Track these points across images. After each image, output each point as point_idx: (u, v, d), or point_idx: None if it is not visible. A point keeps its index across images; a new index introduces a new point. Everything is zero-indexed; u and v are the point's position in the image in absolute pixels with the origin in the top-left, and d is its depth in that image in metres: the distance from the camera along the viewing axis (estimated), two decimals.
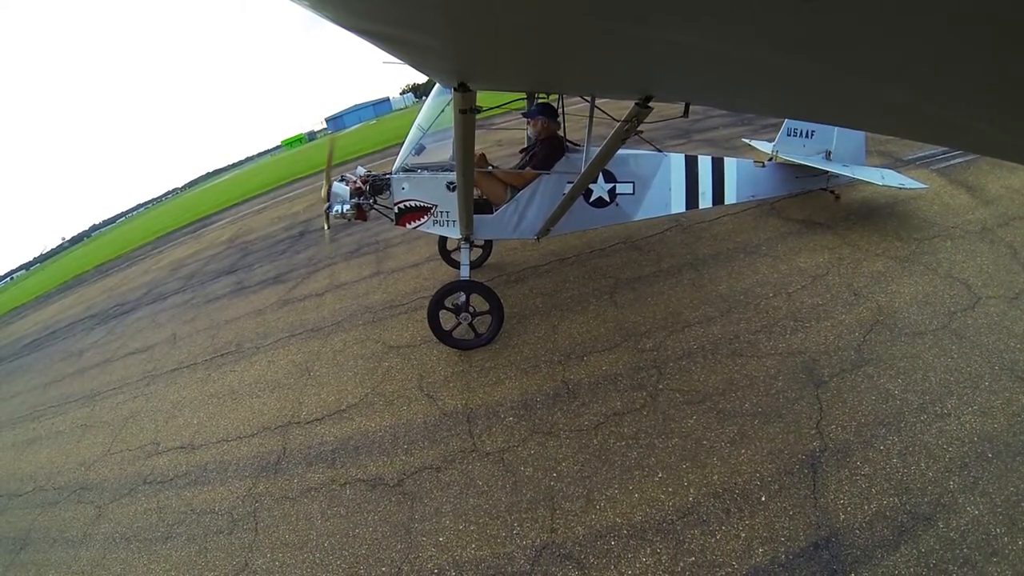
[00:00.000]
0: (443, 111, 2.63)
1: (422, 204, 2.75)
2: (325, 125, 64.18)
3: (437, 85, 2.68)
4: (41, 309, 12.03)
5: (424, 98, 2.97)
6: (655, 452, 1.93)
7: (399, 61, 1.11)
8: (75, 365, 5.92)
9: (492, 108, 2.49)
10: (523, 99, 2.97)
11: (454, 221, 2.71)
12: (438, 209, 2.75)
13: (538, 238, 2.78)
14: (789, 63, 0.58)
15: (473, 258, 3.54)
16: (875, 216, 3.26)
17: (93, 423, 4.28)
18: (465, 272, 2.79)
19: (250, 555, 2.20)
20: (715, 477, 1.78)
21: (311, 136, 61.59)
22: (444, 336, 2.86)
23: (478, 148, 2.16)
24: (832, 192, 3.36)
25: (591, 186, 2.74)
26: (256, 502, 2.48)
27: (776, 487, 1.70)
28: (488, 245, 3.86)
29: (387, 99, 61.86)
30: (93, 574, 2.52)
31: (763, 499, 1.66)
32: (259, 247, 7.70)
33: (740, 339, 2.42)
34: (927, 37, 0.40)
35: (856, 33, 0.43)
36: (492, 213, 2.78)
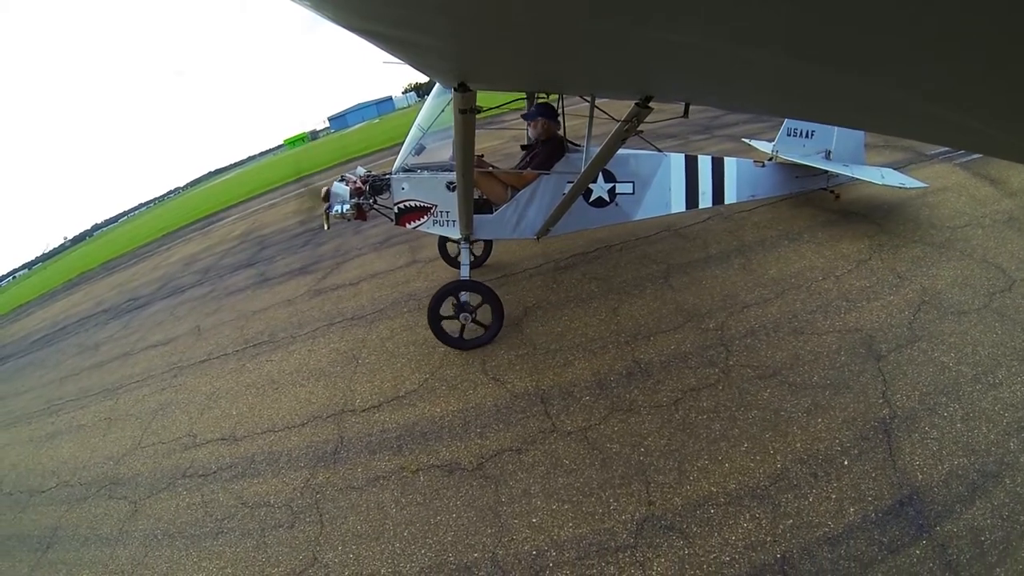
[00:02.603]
0: (443, 111, 2.48)
1: (422, 204, 2.61)
2: (328, 124, 62.06)
3: (437, 85, 2.52)
4: (47, 306, 11.30)
5: (426, 97, 2.79)
6: (737, 424, 1.90)
7: (399, 61, 1.06)
8: (92, 359, 5.40)
9: (492, 108, 2.35)
10: (523, 99, 2.83)
11: (454, 221, 2.57)
12: (438, 209, 2.60)
13: (538, 238, 2.64)
14: (789, 63, 0.56)
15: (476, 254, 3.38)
16: (908, 206, 3.24)
17: (118, 416, 3.87)
18: (465, 272, 2.64)
19: (318, 549, 1.94)
20: (798, 445, 1.77)
21: (314, 135, 58.89)
22: (445, 337, 2.68)
23: (478, 148, 2.04)
24: (832, 192, 3.18)
25: (591, 186, 2.60)
26: (317, 493, 2.21)
27: (856, 452, 1.71)
28: (488, 245, 3.65)
29: (389, 98, 59.76)
30: (134, 573, 2.21)
31: (846, 463, 1.68)
32: (276, 240, 7.25)
33: (798, 318, 2.38)
34: (927, 37, 0.38)
35: (856, 33, 0.41)
36: (492, 213, 2.63)
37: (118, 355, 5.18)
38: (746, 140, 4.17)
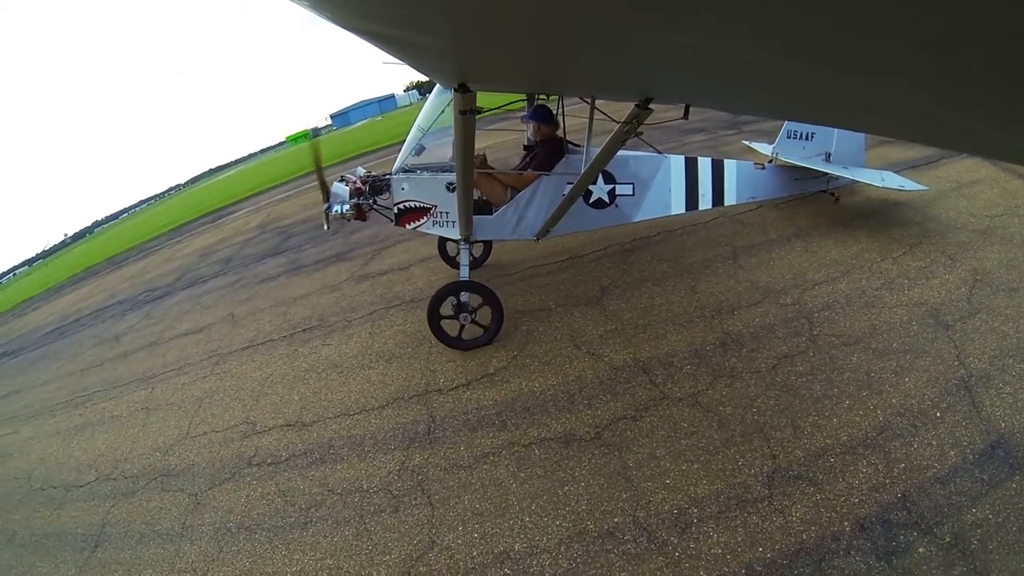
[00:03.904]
0: (443, 111, 2.36)
1: (422, 205, 2.49)
2: (330, 121, 58.93)
3: (437, 85, 2.37)
4: (54, 300, 10.40)
5: (427, 95, 2.63)
6: (834, 384, 1.94)
7: (399, 62, 1.02)
8: (114, 350, 4.84)
9: (492, 109, 2.24)
10: (523, 100, 2.71)
11: (454, 222, 2.46)
12: (438, 210, 2.49)
13: (537, 239, 2.53)
14: (789, 65, 0.54)
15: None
16: (947, 197, 3.31)
17: (157, 406, 3.44)
18: (465, 273, 2.51)
19: (434, 531, 1.72)
20: (893, 400, 1.84)
21: (315, 132, 57.05)
22: (444, 337, 2.55)
23: (478, 149, 1.96)
24: (832, 194, 3.11)
25: (591, 187, 2.50)
26: (419, 475, 1.98)
27: (944, 405, 1.79)
28: (487, 246, 3.48)
29: (392, 96, 57.29)
30: (210, 571, 1.91)
31: (938, 415, 1.77)
32: (300, 230, 6.75)
33: (867, 294, 2.41)
34: (927, 37, 0.36)
35: (856, 33, 0.39)
36: (492, 214, 2.51)
37: (144, 345, 4.66)
38: (746, 142, 4.05)
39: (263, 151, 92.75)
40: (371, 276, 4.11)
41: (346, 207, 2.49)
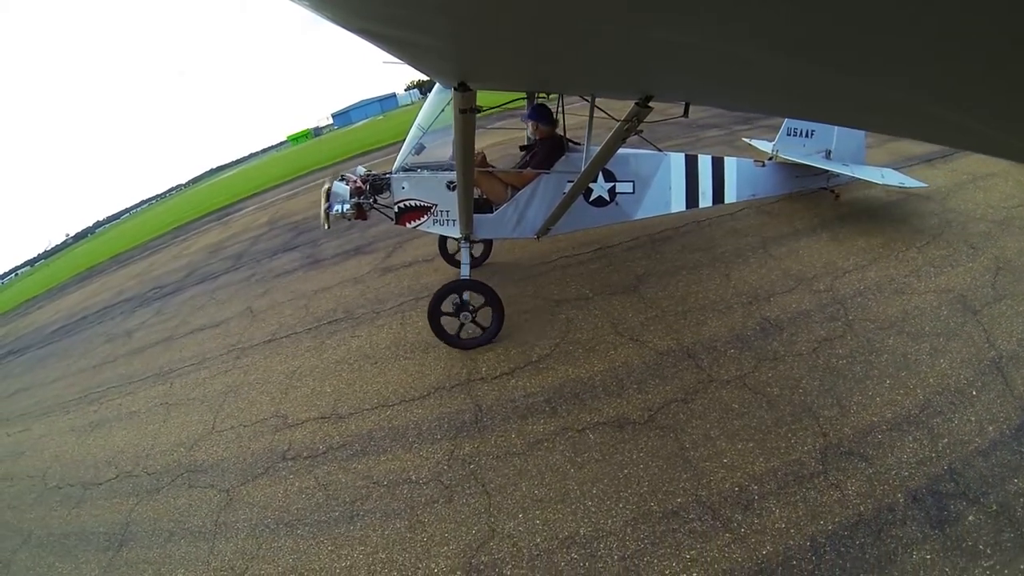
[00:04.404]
0: (443, 110, 2.32)
1: (422, 203, 2.45)
2: (331, 121, 57.98)
3: (437, 84, 2.33)
4: (59, 299, 10.02)
5: (428, 94, 2.61)
6: (874, 365, 1.97)
7: (399, 61, 1.00)
8: (127, 346, 4.62)
9: (492, 108, 2.20)
10: (523, 99, 2.67)
11: (454, 220, 2.42)
12: (438, 208, 2.44)
13: (538, 237, 2.49)
14: (789, 63, 0.53)
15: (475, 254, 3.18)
16: (962, 190, 3.37)
17: (177, 401, 3.27)
18: (465, 271, 2.48)
19: (493, 520, 1.65)
20: (931, 380, 1.87)
21: (317, 132, 54.88)
22: (444, 336, 2.51)
23: (478, 147, 1.93)
24: (832, 191, 3.07)
25: (591, 185, 2.47)
26: (470, 463, 1.90)
27: (979, 384, 1.83)
28: (488, 245, 3.44)
29: (393, 95, 56.18)
30: (250, 570, 1.79)
31: (974, 393, 1.80)
32: (312, 226, 6.53)
33: (896, 281, 2.43)
34: (927, 37, 0.35)
35: (856, 33, 0.38)
36: (492, 212, 2.47)
37: (158, 340, 4.45)
38: (746, 140, 4.02)
39: (264, 151, 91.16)
40: (395, 268, 4.01)
41: (346, 206, 2.44)
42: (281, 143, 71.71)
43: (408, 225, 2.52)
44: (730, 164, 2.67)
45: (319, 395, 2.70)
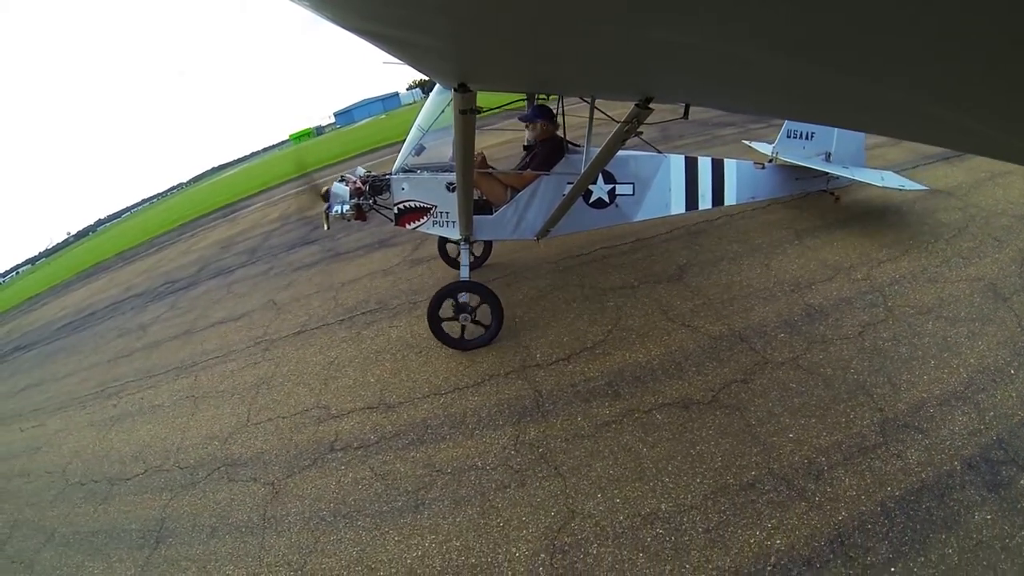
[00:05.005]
0: (443, 111, 2.31)
1: (422, 205, 2.42)
2: (333, 120, 57.02)
3: (437, 85, 2.32)
4: (64, 296, 9.58)
5: (429, 93, 2.60)
6: (917, 347, 2.03)
7: (399, 61, 0.99)
8: (142, 340, 4.40)
9: (492, 109, 2.20)
10: (523, 100, 2.65)
11: (454, 222, 2.40)
12: (438, 210, 2.43)
13: (538, 239, 2.47)
14: (789, 64, 0.53)
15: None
16: (983, 187, 3.45)
17: (204, 393, 3.12)
18: (465, 273, 2.45)
19: (571, 501, 1.62)
20: (972, 360, 1.94)
21: (319, 131, 53.72)
22: (445, 337, 2.49)
23: (478, 148, 1.91)
24: (832, 193, 3.05)
25: (591, 187, 2.45)
26: (538, 447, 1.86)
27: (1016, 364, 1.90)
28: (487, 246, 3.42)
29: (396, 94, 55.51)
30: (308, 564, 1.70)
31: (1012, 372, 1.87)
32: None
33: (928, 271, 2.51)
34: (927, 38, 0.36)
35: (856, 33, 0.38)
36: (492, 214, 2.46)
37: (176, 334, 4.24)
38: (746, 142, 4.04)
39: (266, 150, 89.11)
40: (425, 260, 3.92)
41: (346, 207, 2.40)
42: (283, 142, 70.43)
43: (408, 226, 2.48)
44: (730, 166, 2.65)
45: (363, 385, 2.61)
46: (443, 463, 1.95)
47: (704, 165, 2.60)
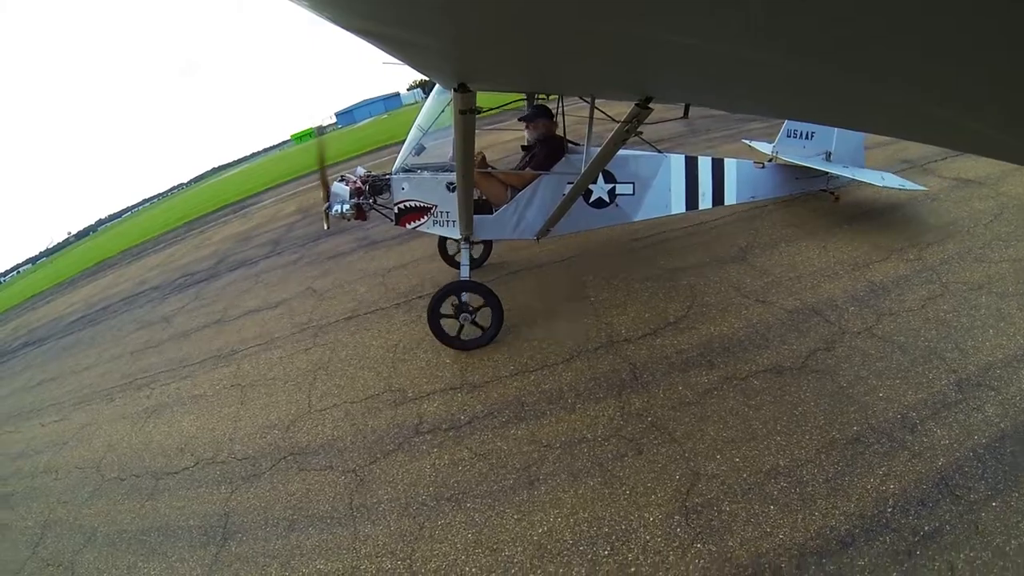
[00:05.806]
0: (443, 111, 2.32)
1: (422, 204, 2.41)
2: (335, 120, 54.89)
3: (437, 85, 2.33)
4: (70, 293, 8.89)
5: (430, 94, 2.59)
6: (976, 318, 2.14)
7: (399, 62, 0.98)
8: (167, 331, 4.07)
9: (492, 109, 2.23)
10: (523, 100, 2.65)
11: (454, 221, 2.39)
12: (438, 209, 2.41)
13: (538, 238, 2.46)
14: (789, 64, 0.52)
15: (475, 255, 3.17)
16: (1011, 177, 3.51)
17: (252, 382, 2.91)
18: (465, 272, 2.45)
19: (693, 464, 1.62)
20: (1019, 340, 2.02)
21: (320, 131, 51.98)
22: (444, 336, 2.47)
23: (478, 148, 1.93)
24: (832, 193, 3.06)
25: (591, 187, 2.44)
26: (646, 416, 1.85)
27: None
28: (488, 246, 3.39)
29: (397, 94, 54.81)
30: (418, 551, 1.58)
31: None
32: None
33: (973, 252, 2.64)
34: (927, 38, 0.35)
35: (856, 34, 0.38)
36: (492, 213, 2.45)
37: (206, 324, 3.94)
38: (746, 141, 3.89)
39: (267, 149, 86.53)
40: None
41: (346, 207, 2.36)
42: (285, 142, 68.53)
43: (408, 226, 2.44)
44: (730, 165, 2.64)
45: (438, 367, 2.52)
46: (549, 438, 1.90)
47: (704, 165, 2.59)
